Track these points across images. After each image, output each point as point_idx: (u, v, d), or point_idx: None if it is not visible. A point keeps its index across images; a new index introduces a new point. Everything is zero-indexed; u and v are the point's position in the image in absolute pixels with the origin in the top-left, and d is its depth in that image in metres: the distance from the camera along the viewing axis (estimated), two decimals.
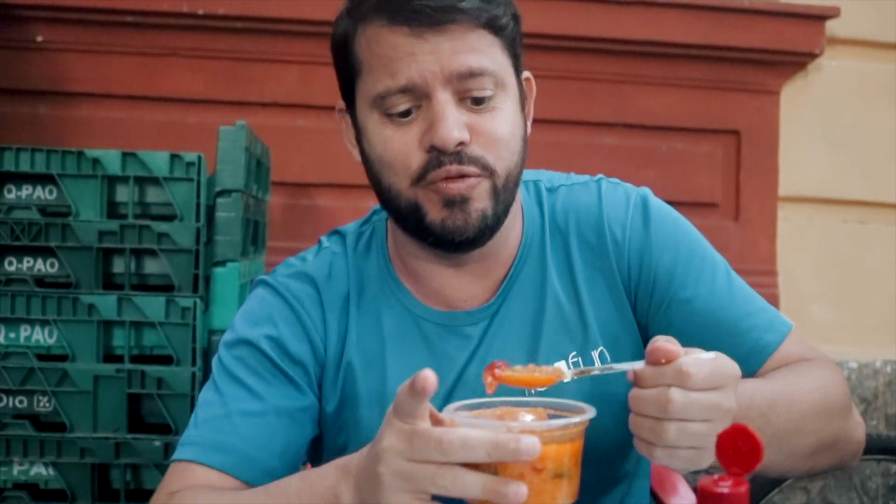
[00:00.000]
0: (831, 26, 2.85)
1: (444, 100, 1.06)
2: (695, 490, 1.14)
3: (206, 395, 1.16)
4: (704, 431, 0.89)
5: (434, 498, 0.85)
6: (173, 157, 1.85)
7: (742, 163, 2.89)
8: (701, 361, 0.89)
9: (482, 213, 1.08)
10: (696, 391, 0.88)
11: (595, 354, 1.16)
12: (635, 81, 2.83)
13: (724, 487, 0.72)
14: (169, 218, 1.85)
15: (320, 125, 2.68)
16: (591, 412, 0.90)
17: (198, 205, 1.84)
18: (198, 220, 1.84)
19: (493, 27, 1.08)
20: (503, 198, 1.10)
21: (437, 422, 0.87)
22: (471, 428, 0.83)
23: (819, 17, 2.82)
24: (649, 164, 2.84)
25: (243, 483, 1.10)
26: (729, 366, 0.91)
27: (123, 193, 1.85)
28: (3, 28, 2.57)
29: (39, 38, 2.59)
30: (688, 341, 1.14)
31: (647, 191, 1.23)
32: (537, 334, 1.16)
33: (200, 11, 2.59)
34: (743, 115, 2.87)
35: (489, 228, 1.10)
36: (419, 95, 1.06)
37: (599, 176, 1.25)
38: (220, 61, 2.66)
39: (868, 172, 2.92)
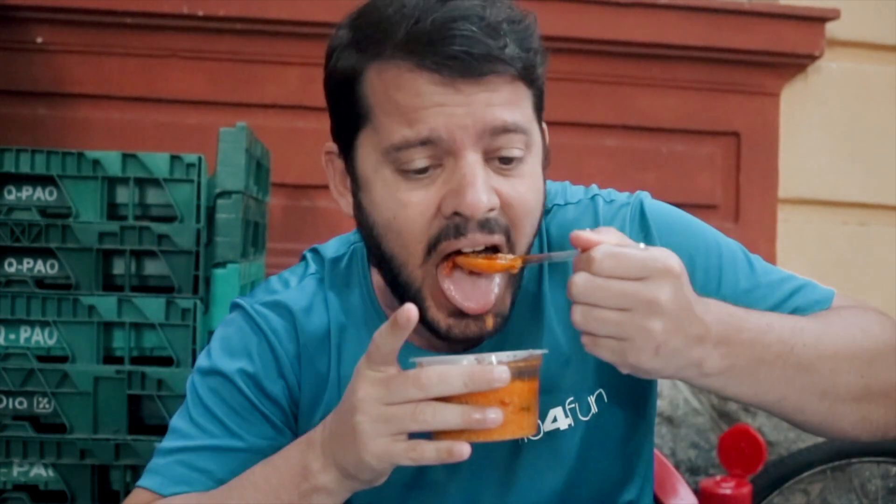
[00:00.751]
0: (831, 28, 2.85)
1: (474, 161, 0.94)
2: (696, 492, 1.13)
3: (178, 422, 1.12)
4: (618, 319, 0.87)
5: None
6: (173, 158, 1.85)
7: (742, 165, 2.89)
8: (613, 249, 0.88)
9: (503, 319, 1.00)
10: (602, 277, 0.86)
11: (592, 400, 1.11)
12: (635, 83, 2.83)
13: (727, 489, 0.72)
14: (169, 219, 1.85)
15: (320, 127, 2.63)
16: (544, 350, 0.94)
17: (198, 206, 1.84)
18: (198, 221, 1.84)
19: (529, 79, 0.98)
20: (518, 278, 1.02)
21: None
22: (445, 364, 0.87)
23: (819, 19, 2.82)
24: (649, 166, 2.84)
25: None
26: (661, 258, 0.88)
27: (123, 195, 1.85)
28: (2, 29, 2.57)
29: (39, 40, 2.59)
30: None
31: (643, 197, 1.15)
32: None
33: (200, 13, 2.59)
34: (743, 117, 2.88)
35: (504, 325, 1.02)
36: (442, 152, 0.95)
37: (593, 191, 1.17)
38: (220, 63, 2.66)
39: (868, 174, 2.92)
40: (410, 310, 0.83)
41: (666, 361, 0.89)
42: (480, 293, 0.98)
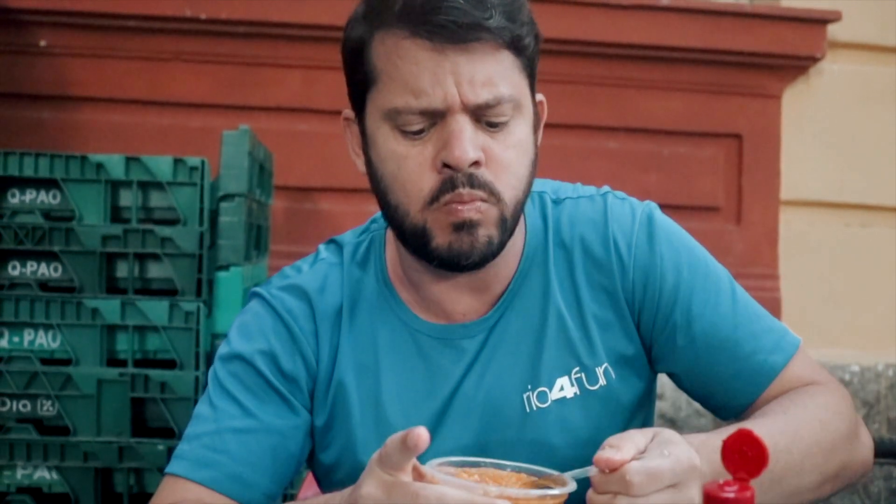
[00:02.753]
0: (832, 30, 2.86)
1: (462, 121, 1.04)
2: None
3: (200, 408, 1.17)
4: None
5: None
6: (177, 161, 1.85)
7: (744, 167, 2.89)
8: (646, 466, 0.89)
9: (488, 239, 1.07)
10: (642, 496, 0.88)
11: (600, 371, 1.15)
12: (637, 85, 2.83)
13: (730, 492, 0.73)
14: (172, 222, 1.86)
15: (323, 129, 2.68)
16: (571, 485, 0.90)
17: (201, 209, 1.85)
18: (201, 224, 1.84)
19: (516, 48, 1.06)
20: (509, 225, 1.09)
21: (418, 476, 0.88)
22: (449, 486, 0.85)
23: (820, 21, 2.82)
24: (651, 168, 2.85)
25: (232, 500, 1.11)
26: (685, 460, 0.91)
27: (127, 198, 1.86)
28: (6, 32, 2.58)
29: (43, 43, 2.60)
30: (691, 365, 1.16)
31: (652, 206, 1.21)
32: (538, 349, 1.14)
33: (203, 16, 2.59)
34: (744, 119, 2.88)
35: (493, 254, 1.09)
36: (436, 116, 1.05)
37: (605, 189, 1.22)
38: (223, 66, 2.66)
39: (869, 176, 2.92)
40: (420, 435, 0.83)
41: None
42: (471, 204, 1.06)
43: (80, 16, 2.57)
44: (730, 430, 0.86)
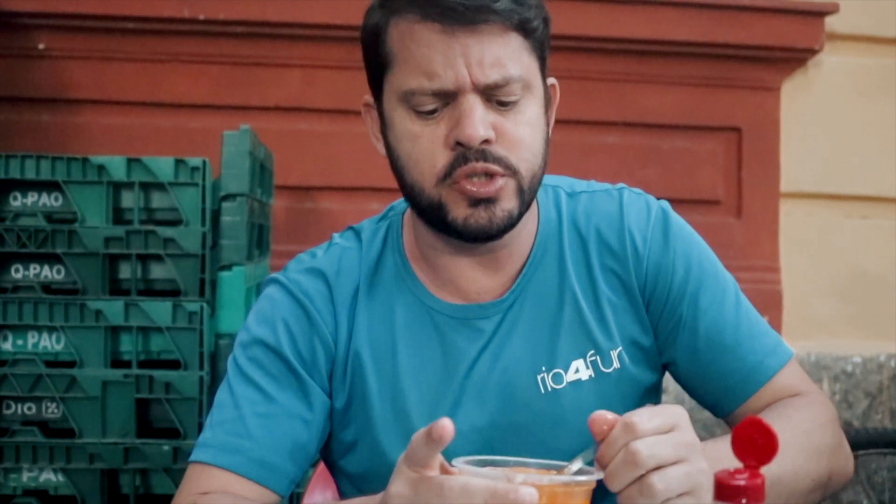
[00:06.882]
0: (831, 22, 2.86)
1: (472, 99, 1.07)
2: None
3: (221, 395, 1.18)
4: (685, 471, 0.88)
5: None
6: (178, 162, 1.86)
7: (743, 159, 2.89)
8: (641, 410, 0.90)
9: (508, 213, 1.09)
10: (651, 436, 0.88)
11: (614, 354, 1.17)
12: (636, 80, 2.83)
13: (741, 480, 0.73)
14: (174, 223, 1.86)
15: (323, 128, 2.68)
16: (597, 474, 0.90)
17: (203, 209, 1.85)
18: (203, 224, 1.85)
19: (524, 30, 1.09)
20: (528, 198, 1.11)
21: (445, 472, 0.88)
22: (473, 476, 0.86)
23: (818, 13, 2.82)
24: (650, 163, 2.85)
25: (258, 485, 1.12)
26: (670, 407, 0.92)
27: (129, 199, 1.86)
28: (5, 36, 2.58)
29: (41, 46, 2.60)
30: (689, 358, 1.18)
31: (667, 204, 1.24)
32: (555, 332, 1.16)
33: (201, 17, 2.59)
34: (744, 112, 2.88)
35: (512, 225, 1.11)
36: (448, 96, 1.08)
37: (621, 185, 1.25)
38: (222, 66, 2.66)
39: (869, 167, 2.92)
40: (445, 426, 0.84)
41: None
42: (489, 185, 1.09)
43: (77, 18, 2.57)
44: (726, 438, 0.85)
